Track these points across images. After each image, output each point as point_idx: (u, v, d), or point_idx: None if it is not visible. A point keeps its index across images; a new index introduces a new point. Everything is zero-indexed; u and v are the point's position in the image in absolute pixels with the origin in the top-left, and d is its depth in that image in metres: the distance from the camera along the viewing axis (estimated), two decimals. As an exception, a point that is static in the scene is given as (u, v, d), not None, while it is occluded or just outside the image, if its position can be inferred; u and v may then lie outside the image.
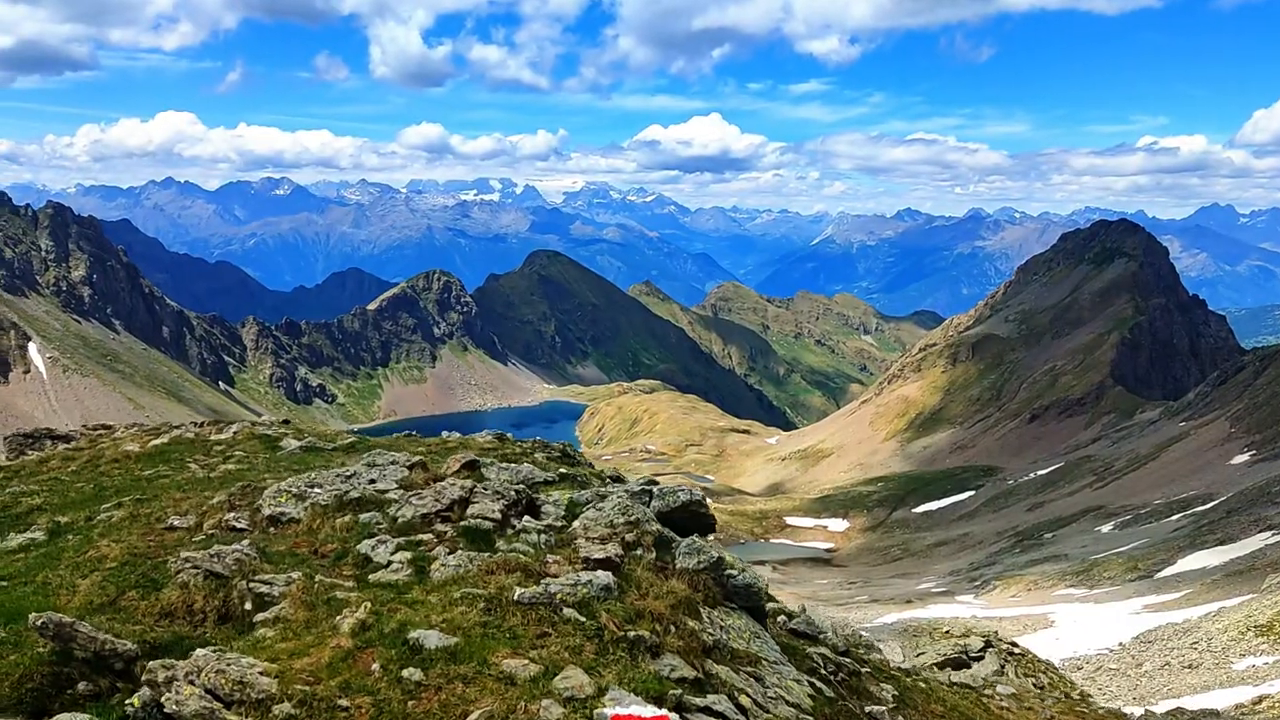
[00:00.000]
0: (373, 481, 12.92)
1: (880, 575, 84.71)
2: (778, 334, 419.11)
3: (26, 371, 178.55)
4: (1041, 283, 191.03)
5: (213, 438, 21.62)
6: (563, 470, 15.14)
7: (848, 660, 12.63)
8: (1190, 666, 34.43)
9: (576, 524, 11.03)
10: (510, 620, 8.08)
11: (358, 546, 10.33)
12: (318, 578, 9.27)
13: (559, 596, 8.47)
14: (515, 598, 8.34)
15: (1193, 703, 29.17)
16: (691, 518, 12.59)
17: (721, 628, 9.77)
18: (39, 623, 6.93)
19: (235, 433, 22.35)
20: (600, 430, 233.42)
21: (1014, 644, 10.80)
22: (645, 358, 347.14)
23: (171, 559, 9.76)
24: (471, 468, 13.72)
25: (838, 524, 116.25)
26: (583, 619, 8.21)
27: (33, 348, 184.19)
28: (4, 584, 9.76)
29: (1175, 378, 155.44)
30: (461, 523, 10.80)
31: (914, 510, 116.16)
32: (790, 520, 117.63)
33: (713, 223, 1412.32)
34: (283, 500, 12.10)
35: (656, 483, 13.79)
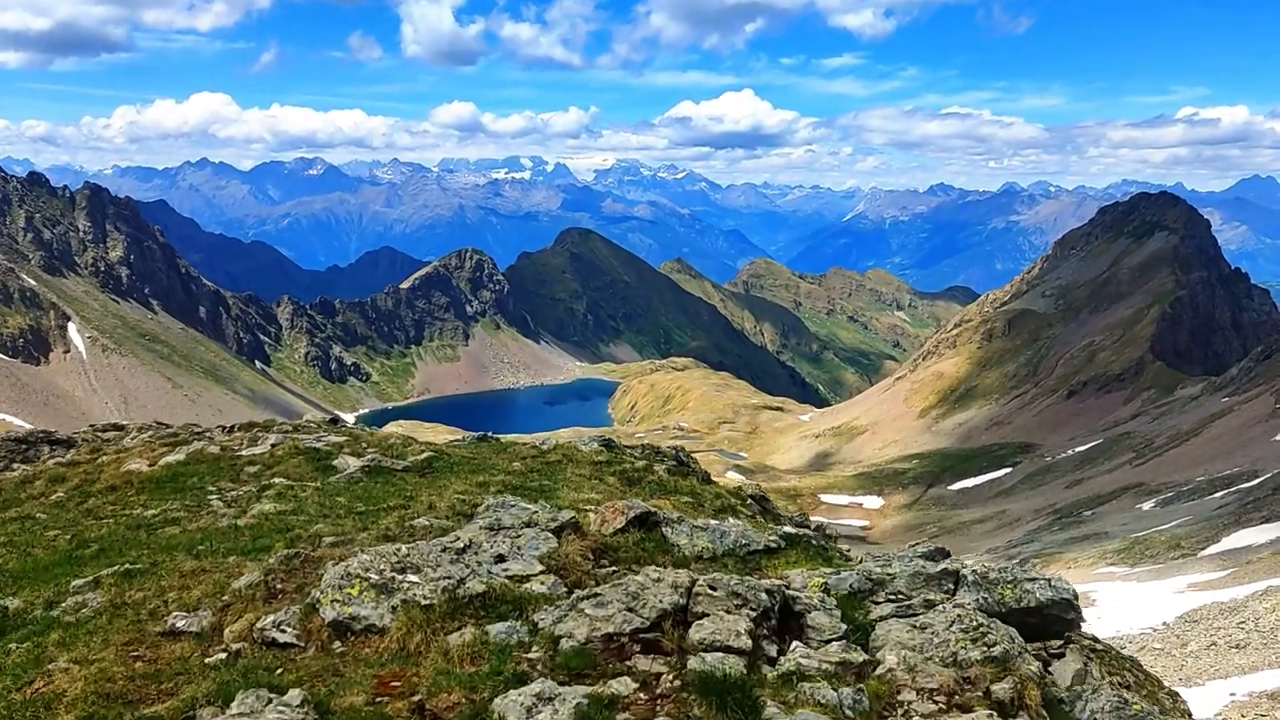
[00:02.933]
0: (501, 560, 8.39)
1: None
2: (810, 311, 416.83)
3: (66, 351, 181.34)
4: (1079, 257, 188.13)
5: (244, 453, 16.77)
6: (785, 529, 10.52)
7: None
8: (1237, 646, 33.72)
9: (890, 659, 6.66)
10: None
11: (498, 703, 5.97)
12: None
13: None
14: None
15: (1241, 684, 28.61)
16: (1043, 623, 8.06)
17: None
18: None
19: (274, 446, 17.22)
20: (633, 408, 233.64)
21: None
22: (677, 335, 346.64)
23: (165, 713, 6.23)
24: (645, 525, 9.64)
25: (873, 501, 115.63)
26: None
27: (72, 328, 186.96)
28: None
29: (1217, 353, 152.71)
30: (687, 659, 6.40)
31: (950, 487, 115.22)
32: (825, 498, 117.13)
33: (744, 199, 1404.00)
34: (356, 593, 7.57)
35: (947, 551, 9.41)
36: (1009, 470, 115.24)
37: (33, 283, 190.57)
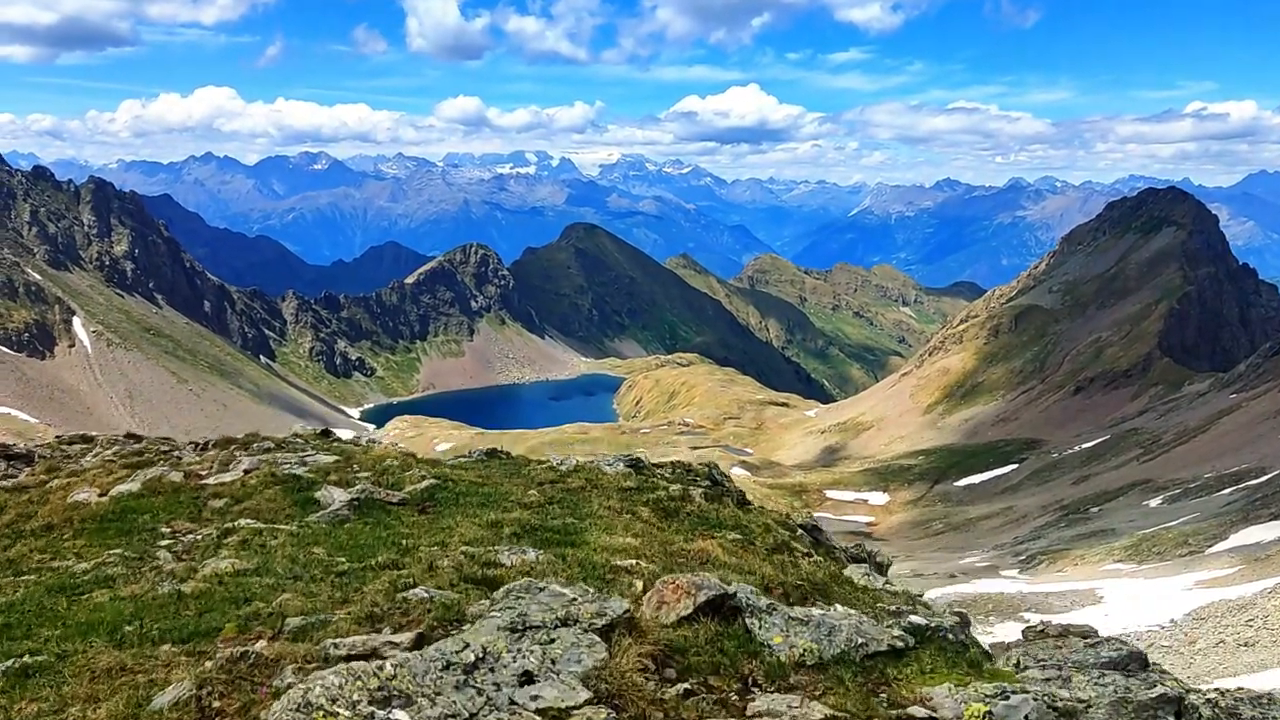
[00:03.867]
0: (529, 680, 5.84)
1: (923, 549, 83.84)
2: (815, 306, 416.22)
3: (71, 346, 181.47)
4: (1086, 252, 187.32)
5: (211, 481, 14.38)
6: (913, 619, 7.98)
7: None
8: (1246, 644, 33.42)
9: None
10: None
11: None
12: None
13: None
14: None
15: (1251, 681, 28.30)
16: None
17: None
18: None
19: (247, 471, 14.82)
20: (638, 403, 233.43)
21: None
22: (682, 330, 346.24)
23: None
24: (719, 612, 7.24)
25: (878, 497, 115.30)
26: None
27: (77, 322, 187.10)
28: None
29: (1225, 348, 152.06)
30: None
31: (956, 483, 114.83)
32: (830, 494, 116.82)
33: (749, 194, 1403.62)
34: None
35: (1144, 657, 7.21)
36: (1015, 466, 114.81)
37: (38, 277, 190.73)
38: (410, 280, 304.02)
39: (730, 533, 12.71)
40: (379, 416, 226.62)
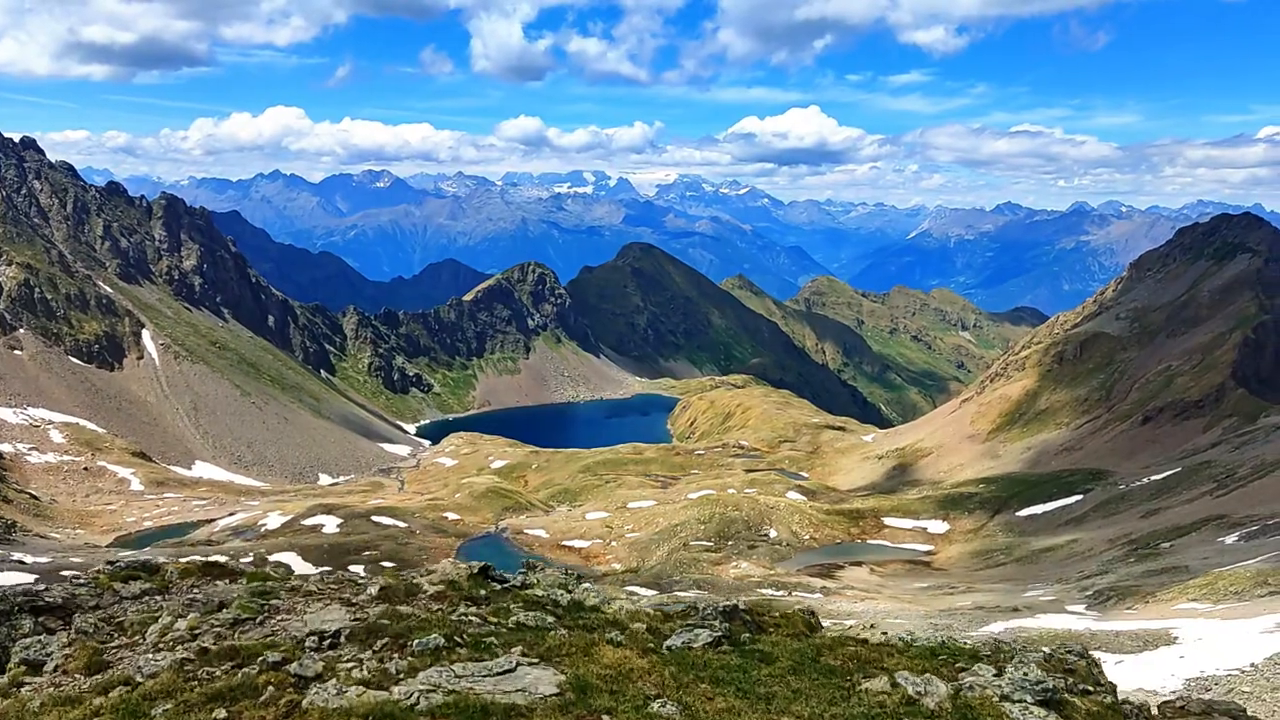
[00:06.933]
0: None
1: (983, 580, 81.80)
2: (872, 329, 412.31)
3: (140, 358, 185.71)
4: (1156, 279, 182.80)
5: None
6: None
7: None
8: (1336, 694, 31.73)
9: None
10: None
11: None
12: None
13: None
14: None
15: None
16: None
17: None
18: None
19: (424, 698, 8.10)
20: (692, 424, 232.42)
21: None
22: (737, 351, 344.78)
23: None
24: None
25: (937, 526, 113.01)
26: None
27: (146, 334, 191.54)
28: None
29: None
30: None
31: (1018, 514, 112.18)
32: (888, 521, 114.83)
33: (806, 216, 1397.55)
34: None
35: None
36: (1080, 497, 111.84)
37: (109, 290, 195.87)
38: (468, 298, 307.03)
39: None
40: (435, 432, 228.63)
